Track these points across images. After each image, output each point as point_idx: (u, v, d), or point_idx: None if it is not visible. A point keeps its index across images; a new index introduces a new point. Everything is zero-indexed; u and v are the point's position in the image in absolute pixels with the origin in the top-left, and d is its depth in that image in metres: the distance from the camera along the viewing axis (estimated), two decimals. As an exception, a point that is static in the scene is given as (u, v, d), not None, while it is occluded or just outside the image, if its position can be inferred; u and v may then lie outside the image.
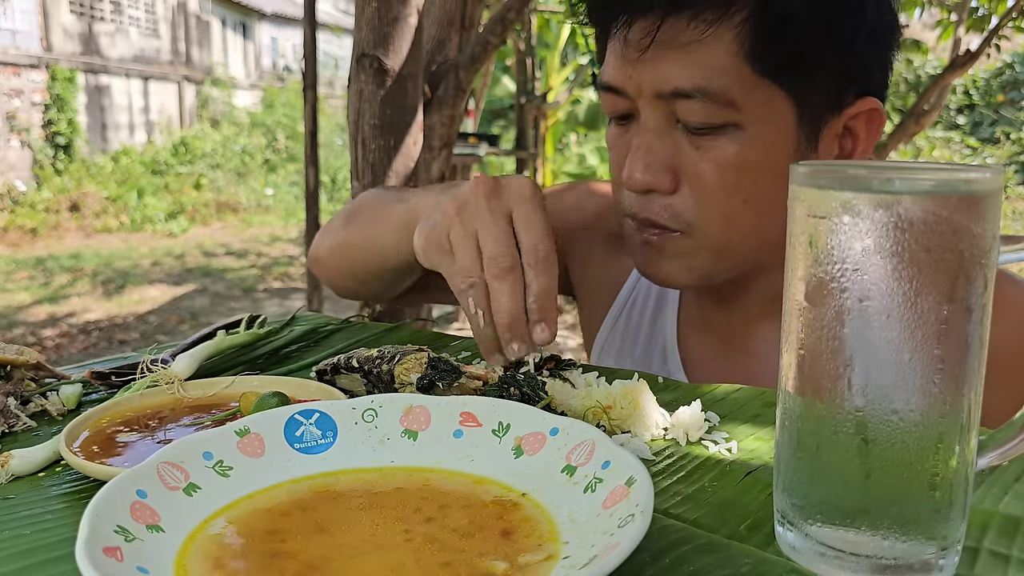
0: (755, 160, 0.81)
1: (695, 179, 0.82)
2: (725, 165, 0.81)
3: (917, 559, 0.43)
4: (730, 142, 0.80)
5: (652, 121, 0.83)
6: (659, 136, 0.83)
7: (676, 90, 0.79)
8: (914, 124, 5.40)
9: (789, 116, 0.81)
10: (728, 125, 0.80)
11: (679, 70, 0.79)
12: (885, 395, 0.42)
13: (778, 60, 0.79)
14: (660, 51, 0.80)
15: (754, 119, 0.80)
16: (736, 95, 0.79)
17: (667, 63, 0.80)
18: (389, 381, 0.69)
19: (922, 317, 0.41)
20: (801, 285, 0.45)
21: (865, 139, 0.86)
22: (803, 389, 0.45)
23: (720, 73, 0.78)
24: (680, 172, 0.83)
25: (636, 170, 0.83)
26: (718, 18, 0.78)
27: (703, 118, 0.80)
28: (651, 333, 1.03)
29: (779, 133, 0.82)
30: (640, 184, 0.83)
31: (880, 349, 0.42)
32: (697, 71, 0.79)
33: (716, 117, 0.80)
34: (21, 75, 10.46)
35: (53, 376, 0.78)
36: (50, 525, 0.52)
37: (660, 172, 0.83)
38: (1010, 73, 13.09)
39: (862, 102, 0.84)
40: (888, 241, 0.41)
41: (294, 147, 13.43)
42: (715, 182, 0.81)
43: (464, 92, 2.83)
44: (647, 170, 0.82)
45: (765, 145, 0.81)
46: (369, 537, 0.46)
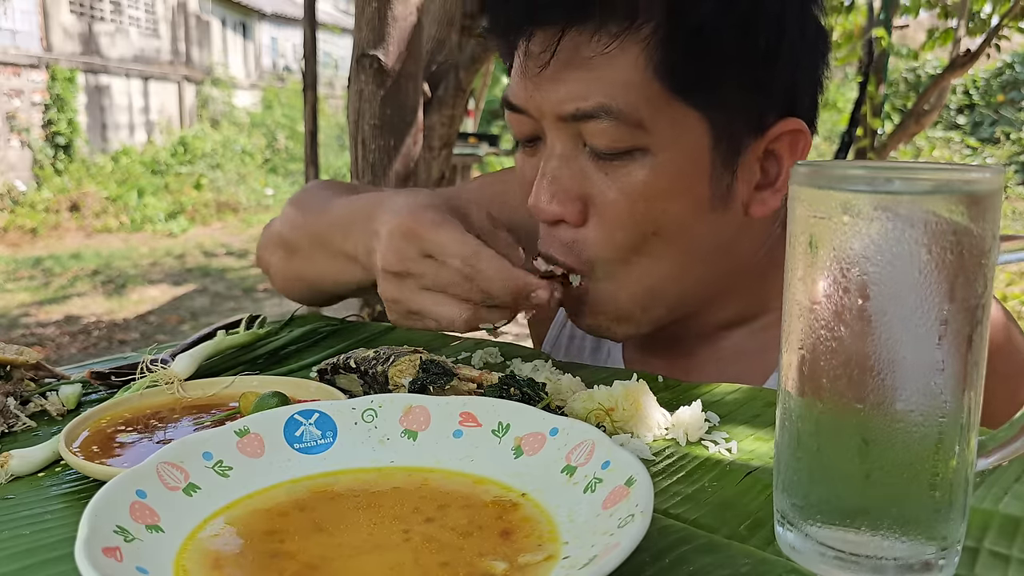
0: (665, 187, 0.75)
1: (602, 209, 0.76)
2: (633, 193, 0.75)
3: (917, 559, 0.43)
4: (639, 167, 0.74)
5: (558, 146, 0.77)
6: (566, 162, 0.77)
7: (578, 111, 0.74)
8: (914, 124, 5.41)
9: (703, 139, 0.75)
10: (636, 150, 0.74)
11: (581, 88, 0.73)
12: (885, 395, 0.42)
13: (689, 77, 0.73)
14: (561, 68, 0.74)
15: (664, 142, 0.74)
16: (644, 114, 0.73)
17: (568, 81, 0.74)
18: (384, 383, 0.69)
19: (922, 317, 0.41)
20: (801, 285, 0.44)
21: (789, 161, 0.79)
22: (803, 389, 0.45)
23: (626, 90, 0.72)
24: (589, 201, 0.77)
25: (542, 200, 0.77)
26: (623, 30, 0.72)
27: (609, 141, 0.74)
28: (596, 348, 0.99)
29: (692, 157, 0.75)
30: (548, 215, 0.78)
31: (880, 349, 0.42)
32: (600, 88, 0.73)
33: (623, 140, 0.73)
34: (21, 75, 10.46)
35: (53, 376, 0.78)
36: (50, 525, 0.52)
37: (567, 202, 0.77)
38: (1010, 73, 13.08)
39: (784, 123, 0.77)
40: (888, 241, 0.41)
41: (294, 147, 13.43)
42: (623, 211, 0.75)
43: (464, 92, 2.84)
44: (553, 200, 0.77)
45: (677, 171, 0.75)
46: (368, 537, 0.46)
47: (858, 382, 0.42)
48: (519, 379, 0.65)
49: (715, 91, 0.74)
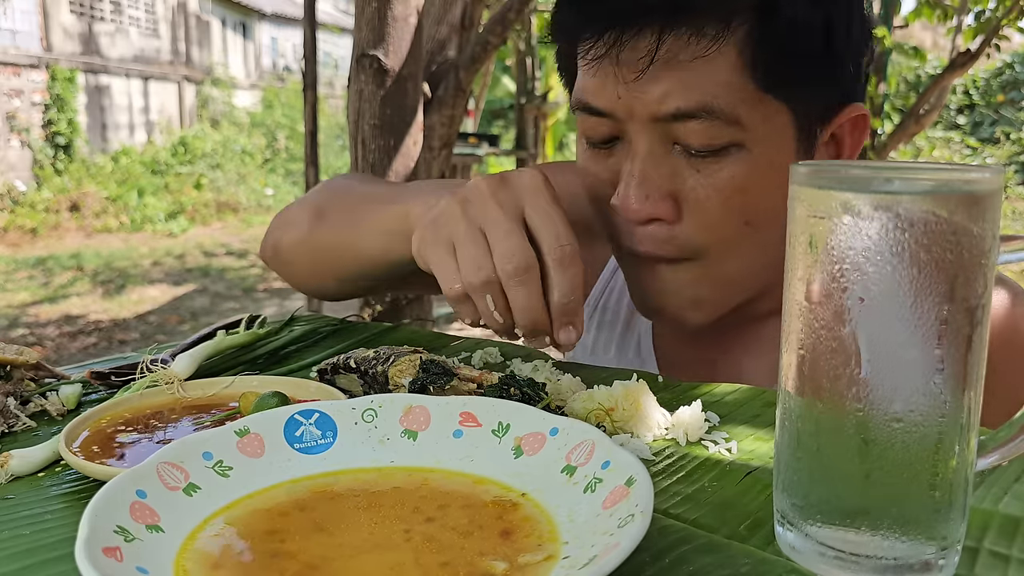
0: (759, 180, 0.76)
1: (697, 205, 0.77)
2: (729, 188, 0.76)
3: (917, 559, 0.43)
4: (733, 163, 0.75)
5: (646, 145, 0.76)
6: (656, 161, 0.77)
7: (678, 111, 0.74)
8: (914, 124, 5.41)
9: (789, 131, 0.78)
10: (732, 146, 0.75)
11: (681, 90, 0.73)
12: (885, 395, 0.42)
13: (780, 73, 0.75)
14: (658, 70, 0.73)
15: (758, 137, 0.75)
16: (741, 112, 0.74)
17: (666, 83, 0.74)
18: (384, 383, 0.69)
19: (922, 317, 0.41)
20: (801, 285, 0.45)
21: (850, 144, 0.83)
22: (803, 389, 0.45)
23: (725, 90, 0.73)
24: (680, 198, 0.77)
25: (633, 200, 0.77)
26: (721, 32, 0.73)
27: (706, 140, 0.74)
28: (625, 331, 1.00)
29: (781, 149, 0.77)
30: (641, 216, 0.77)
31: (880, 349, 0.42)
32: (700, 89, 0.73)
33: (719, 137, 0.74)
34: (21, 75, 10.46)
35: (53, 376, 0.78)
36: (50, 525, 0.52)
37: (660, 201, 0.77)
38: (1010, 73, 13.09)
39: (850, 108, 0.81)
40: (888, 241, 0.41)
41: (294, 147, 13.43)
42: (719, 206, 0.76)
43: (464, 92, 2.84)
44: (647, 200, 0.76)
45: (768, 163, 0.76)
46: (369, 537, 0.46)
47: (858, 382, 0.43)
48: (519, 379, 0.65)
49: (801, 83, 0.76)
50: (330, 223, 0.95)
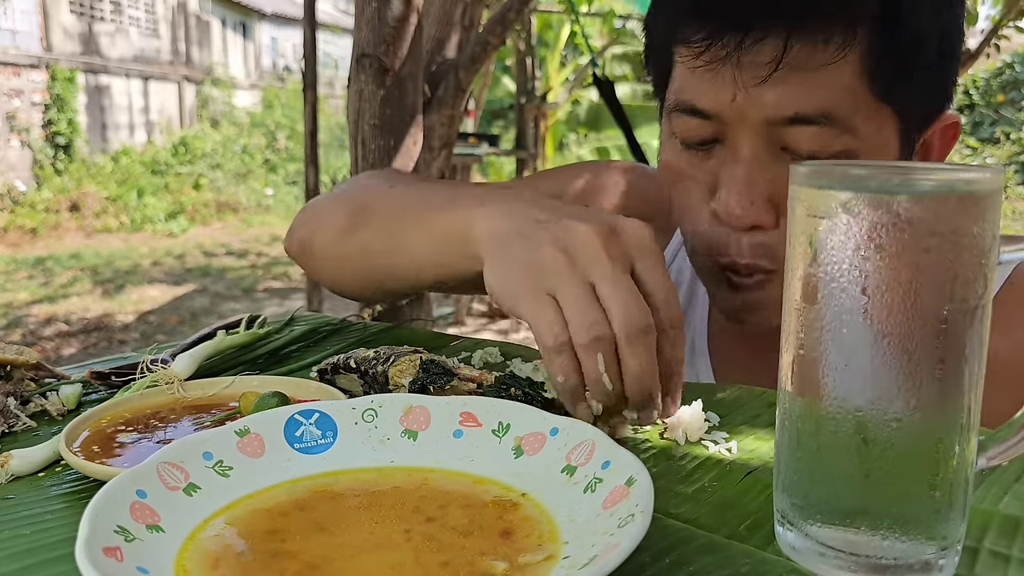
0: None
1: None
2: None
3: (917, 559, 0.43)
4: None
5: (750, 149, 0.74)
6: (760, 166, 0.74)
7: (796, 115, 0.72)
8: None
9: (895, 137, 0.76)
10: (841, 153, 0.73)
11: (803, 94, 0.71)
12: (885, 395, 0.42)
13: (895, 81, 0.73)
14: (781, 75, 0.71)
15: (869, 146, 0.74)
16: (858, 121, 0.73)
17: (788, 87, 0.71)
18: (384, 383, 0.69)
19: (922, 317, 0.41)
20: (801, 285, 0.45)
21: (939, 149, 0.83)
22: (803, 389, 0.45)
23: (844, 96, 0.72)
24: (780, 205, 0.75)
25: (738, 206, 0.74)
26: (848, 39, 0.71)
27: (818, 146, 0.72)
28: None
29: (887, 156, 0.76)
30: (745, 222, 0.75)
31: (880, 349, 0.42)
32: (823, 94, 0.71)
33: (832, 145, 0.72)
34: (21, 75, 10.46)
35: (53, 376, 0.78)
36: (50, 525, 0.52)
37: (763, 208, 0.75)
38: (1010, 73, 13.08)
39: (945, 116, 0.81)
40: (888, 241, 0.41)
41: (294, 147, 13.43)
42: None
43: (464, 92, 2.84)
44: (751, 207, 0.74)
45: None
46: (369, 537, 0.46)
47: (858, 382, 0.43)
48: (519, 379, 0.65)
49: (912, 93, 0.75)
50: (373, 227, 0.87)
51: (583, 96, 11.16)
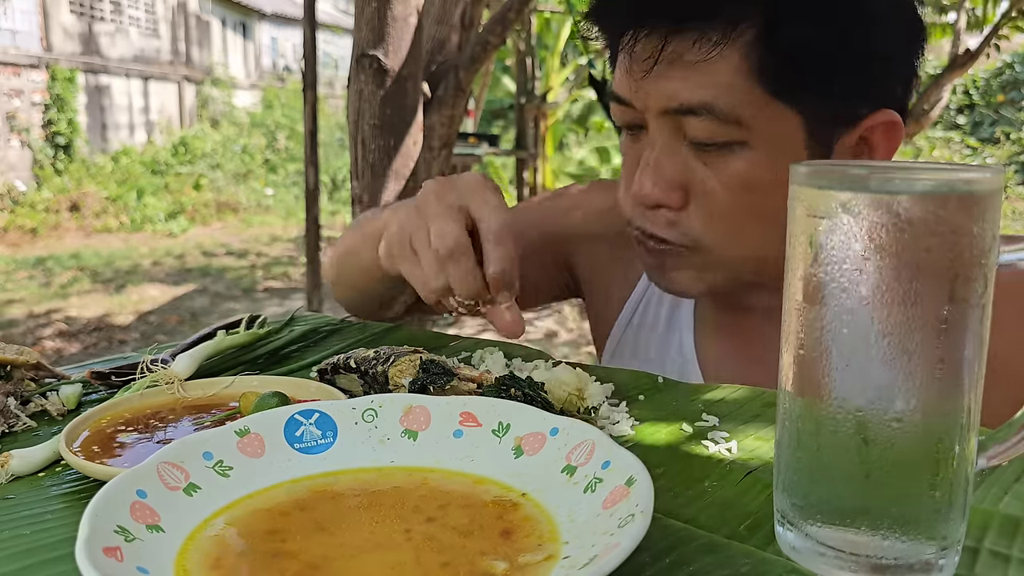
0: (763, 177, 0.79)
1: (704, 196, 0.81)
2: (733, 183, 0.79)
3: (917, 559, 0.43)
4: (737, 159, 0.79)
5: (660, 137, 0.82)
6: (668, 152, 0.81)
7: (682, 106, 0.78)
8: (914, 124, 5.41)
9: (799, 133, 0.79)
10: (735, 143, 0.78)
11: (685, 87, 0.78)
12: (885, 395, 0.42)
13: (787, 80, 0.77)
14: (666, 68, 0.78)
15: (762, 138, 0.78)
16: (743, 114, 0.77)
17: (673, 80, 0.78)
18: (384, 383, 0.69)
19: (922, 317, 0.41)
20: (801, 285, 0.45)
21: (884, 149, 0.83)
22: (803, 389, 0.45)
23: (727, 92, 0.77)
24: (689, 189, 0.82)
25: (645, 186, 0.82)
26: (724, 38, 0.76)
27: (709, 135, 0.78)
28: (667, 332, 1.01)
29: (788, 151, 0.79)
30: (650, 200, 0.83)
31: (880, 349, 0.42)
32: (703, 89, 0.77)
33: (722, 135, 0.78)
34: (21, 75, 10.46)
35: (53, 376, 0.78)
36: (50, 525, 0.52)
37: (669, 189, 0.82)
38: (1010, 73, 13.08)
39: (877, 115, 0.81)
40: (888, 241, 0.41)
41: (294, 147, 13.43)
42: (724, 200, 0.80)
43: (464, 92, 2.84)
44: (655, 187, 0.82)
45: (773, 163, 0.78)
46: (369, 537, 0.46)
47: (858, 382, 0.43)
48: (519, 379, 0.65)
49: (810, 90, 0.78)
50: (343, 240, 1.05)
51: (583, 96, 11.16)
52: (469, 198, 0.74)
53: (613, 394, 0.73)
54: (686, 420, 0.67)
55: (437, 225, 0.73)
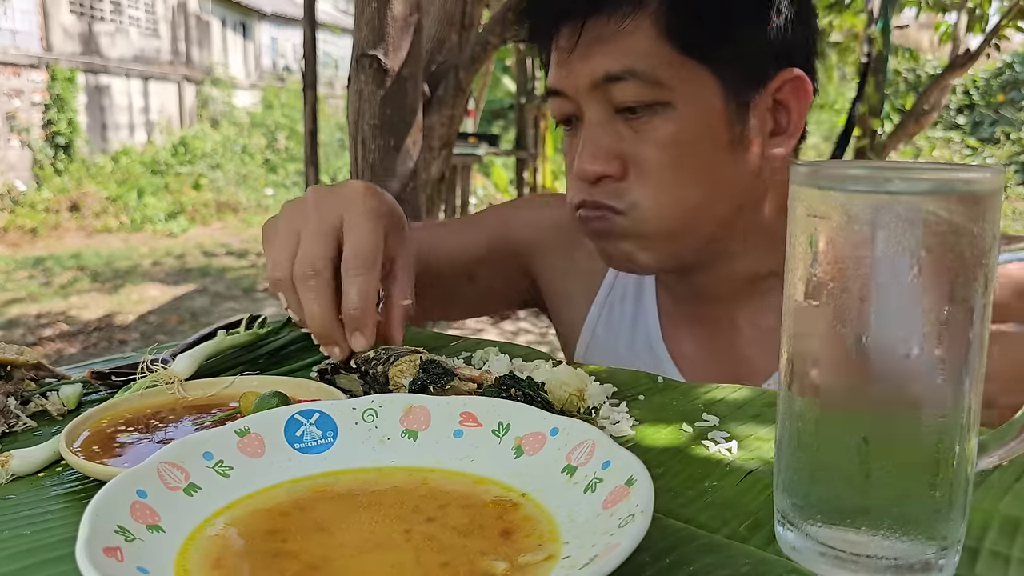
0: (690, 134, 0.87)
1: (639, 163, 0.88)
2: (663, 142, 0.87)
3: (917, 559, 0.43)
4: (664, 121, 0.86)
5: (594, 114, 0.89)
6: (602, 127, 0.89)
7: (608, 74, 0.86)
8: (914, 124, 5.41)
9: (716, 90, 0.87)
10: (659, 104, 0.86)
11: (607, 57, 0.86)
12: (885, 395, 0.42)
13: (695, 39, 0.86)
14: (589, 47, 0.87)
15: (683, 96, 0.86)
16: (662, 74, 0.85)
17: (596, 56, 0.87)
18: (384, 382, 0.69)
19: (922, 317, 0.41)
20: (801, 285, 0.45)
21: (797, 108, 0.91)
22: (803, 389, 0.45)
23: (645, 56, 0.85)
24: (626, 158, 0.88)
25: (585, 161, 0.88)
26: (633, 9, 0.85)
27: (635, 97, 0.86)
28: (633, 329, 1.05)
29: (708, 107, 0.87)
30: (591, 173, 0.88)
31: (880, 349, 0.42)
32: (624, 56, 0.86)
33: (646, 95, 0.86)
34: (21, 75, 10.46)
35: (53, 376, 0.78)
36: (50, 525, 0.52)
37: (607, 160, 0.88)
38: (1010, 73, 13.08)
39: (784, 73, 0.89)
40: (888, 241, 0.41)
41: (294, 147, 13.42)
42: (656, 160, 0.87)
43: (464, 92, 2.83)
44: (594, 160, 0.88)
45: (696, 119, 0.87)
46: (369, 537, 0.46)
47: (858, 382, 0.43)
48: (519, 379, 0.65)
49: (719, 49, 0.87)
50: None
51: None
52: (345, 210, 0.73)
53: (613, 394, 0.73)
54: (686, 420, 0.67)
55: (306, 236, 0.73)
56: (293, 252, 0.73)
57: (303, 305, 0.72)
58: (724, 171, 0.90)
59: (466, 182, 6.89)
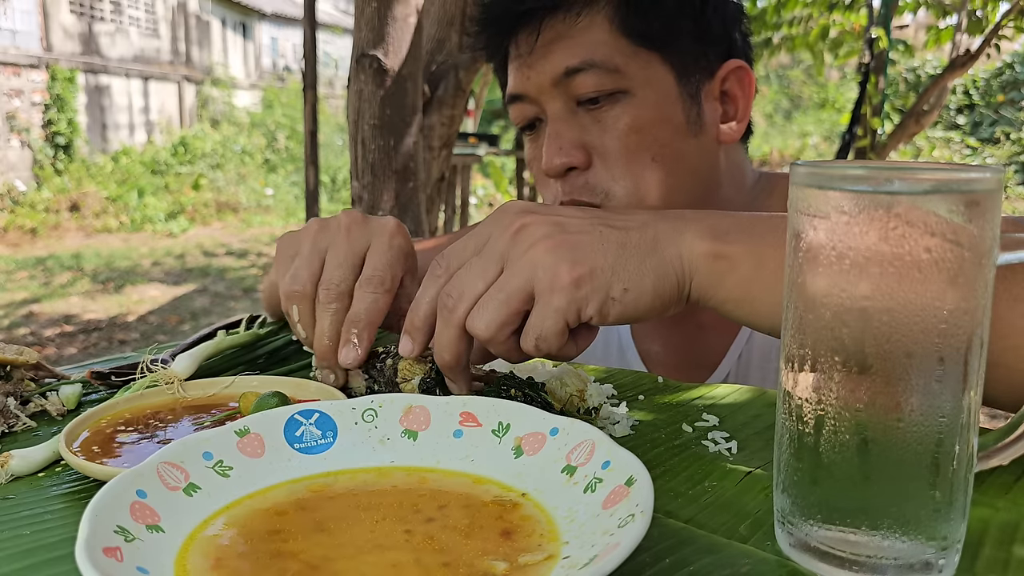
0: (649, 119, 0.92)
1: (603, 150, 0.92)
2: (625, 129, 0.91)
3: (917, 559, 0.43)
4: (624, 109, 0.92)
5: (556, 110, 0.94)
6: (565, 121, 0.93)
7: (568, 68, 0.91)
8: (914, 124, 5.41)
9: (669, 77, 0.94)
10: (619, 92, 0.91)
11: (565, 53, 0.92)
12: (885, 395, 0.42)
13: (645, 30, 0.92)
14: (547, 46, 0.93)
15: (639, 83, 0.92)
16: (619, 62, 0.91)
17: (555, 52, 0.92)
18: (391, 376, 0.69)
19: (922, 317, 0.41)
20: (800, 285, 0.44)
21: (743, 96, 0.99)
22: (803, 389, 0.45)
23: (602, 47, 0.91)
24: (590, 148, 0.93)
25: (552, 156, 0.92)
26: (586, 6, 0.92)
27: (595, 86, 0.91)
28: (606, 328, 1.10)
29: (663, 92, 0.93)
30: (558, 167, 0.92)
31: (880, 349, 0.42)
32: (581, 49, 0.91)
33: (606, 84, 0.91)
34: (21, 75, 10.46)
35: (53, 376, 0.78)
36: (50, 525, 0.52)
37: (572, 150, 0.92)
38: (1010, 73, 13.08)
39: (727, 64, 0.97)
40: (888, 241, 0.41)
41: (294, 147, 13.42)
42: (619, 146, 0.92)
43: (464, 92, 2.84)
44: (560, 152, 0.92)
45: (655, 104, 0.92)
46: (369, 537, 0.46)
47: (858, 382, 0.43)
48: (519, 379, 0.65)
49: (667, 39, 0.93)
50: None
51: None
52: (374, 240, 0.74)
53: (613, 394, 0.73)
54: (686, 420, 0.67)
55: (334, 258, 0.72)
56: (316, 272, 0.73)
57: (317, 324, 0.72)
58: (684, 152, 0.95)
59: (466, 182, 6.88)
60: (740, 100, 0.99)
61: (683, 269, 0.61)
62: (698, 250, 0.61)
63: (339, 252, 0.72)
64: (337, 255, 0.72)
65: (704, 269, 0.60)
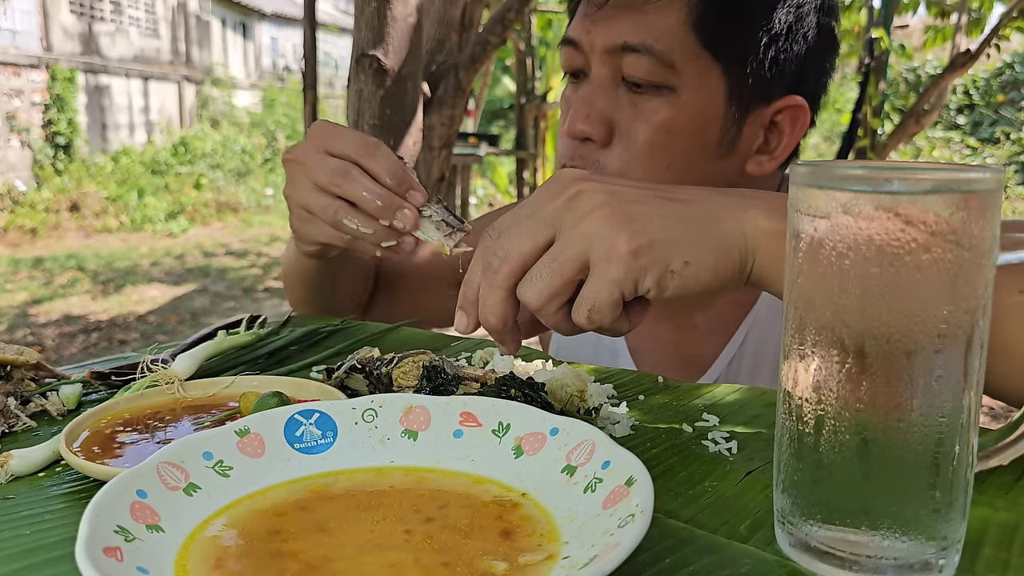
0: (684, 124, 0.88)
1: (627, 135, 0.89)
2: (657, 124, 0.88)
3: (917, 559, 0.43)
4: (664, 104, 0.88)
5: (599, 76, 0.91)
6: (602, 90, 0.90)
7: (625, 44, 0.87)
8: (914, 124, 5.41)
9: (721, 90, 0.89)
10: (664, 87, 0.87)
11: (630, 27, 0.87)
12: (885, 395, 0.42)
13: (719, 35, 0.87)
14: (617, 9, 0.89)
15: (689, 85, 0.88)
16: (677, 58, 0.87)
17: (621, 20, 0.88)
18: (388, 384, 0.69)
19: (922, 317, 0.41)
20: (801, 285, 0.44)
21: (789, 134, 0.93)
22: (803, 389, 0.45)
23: (667, 35, 0.87)
24: (616, 127, 0.90)
25: (576, 119, 0.90)
26: None
27: (644, 74, 0.87)
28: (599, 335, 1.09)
29: (709, 103, 0.89)
30: (577, 132, 0.90)
31: (880, 349, 0.42)
32: (646, 30, 0.87)
33: (655, 75, 0.87)
34: (21, 75, 10.46)
35: (53, 376, 0.78)
36: (50, 525, 0.52)
37: (597, 123, 0.90)
38: (1010, 73, 13.08)
39: (789, 98, 0.91)
40: (888, 241, 0.41)
41: (294, 147, 13.38)
42: (645, 140, 0.88)
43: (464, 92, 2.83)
44: (585, 120, 0.90)
45: (695, 111, 0.88)
46: (369, 537, 0.46)
47: (858, 382, 0.43)
48: (519, 379, 0.65)
49: (735, 51, 0.88)
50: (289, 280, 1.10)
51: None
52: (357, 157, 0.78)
53: (613, 394, 0.73)
54: (686, 420, 0.67)
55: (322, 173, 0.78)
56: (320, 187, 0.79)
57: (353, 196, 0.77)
58: (703, 171, 0.91)
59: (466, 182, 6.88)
60: (785, 136, 0.93)
61: (746, 246, 0.58)
62: (763, 228, 0.58)
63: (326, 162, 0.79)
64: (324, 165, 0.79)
65: (769, 248, 0.58)
